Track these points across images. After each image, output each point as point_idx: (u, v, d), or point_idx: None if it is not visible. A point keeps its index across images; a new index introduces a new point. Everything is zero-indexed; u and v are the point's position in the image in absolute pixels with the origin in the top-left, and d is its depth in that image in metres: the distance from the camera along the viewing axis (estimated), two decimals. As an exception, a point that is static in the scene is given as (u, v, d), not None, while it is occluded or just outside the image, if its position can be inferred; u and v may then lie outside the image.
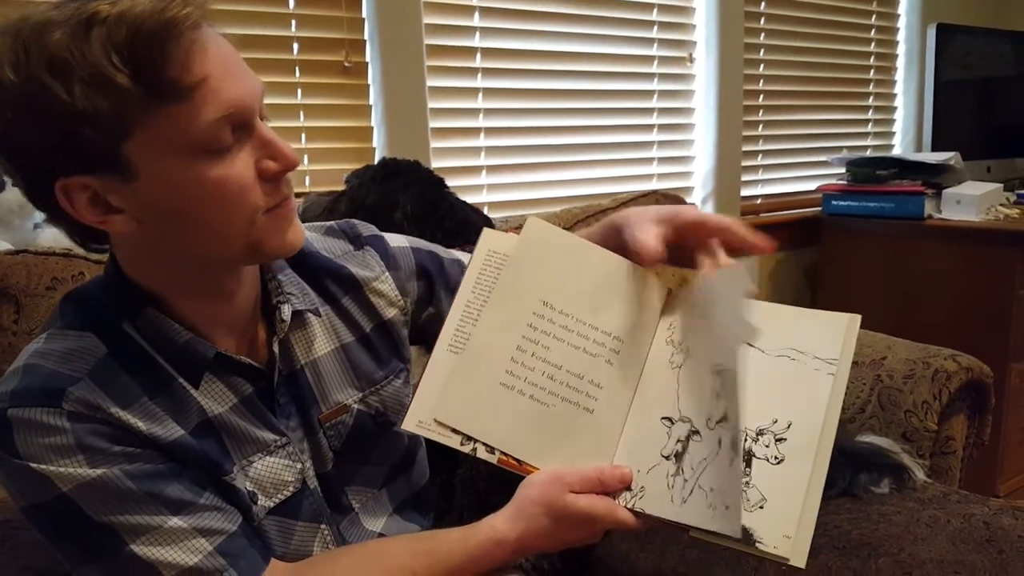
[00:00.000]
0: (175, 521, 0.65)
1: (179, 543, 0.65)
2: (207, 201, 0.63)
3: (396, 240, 0.94)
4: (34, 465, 0.62)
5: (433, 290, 0.93)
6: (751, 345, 0.72)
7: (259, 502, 0.74)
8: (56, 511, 0.63)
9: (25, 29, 0.59)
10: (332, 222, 0.91)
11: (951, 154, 2.18)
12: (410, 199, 1.27)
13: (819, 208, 2.42)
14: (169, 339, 0.70)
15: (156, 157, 0.61)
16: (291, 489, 0.77)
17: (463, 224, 1.32)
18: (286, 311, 0.78)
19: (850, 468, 1.22)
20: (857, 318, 0.72)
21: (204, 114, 0.61)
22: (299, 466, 0.78)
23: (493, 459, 0.72)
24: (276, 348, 0.77)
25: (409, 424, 0.72)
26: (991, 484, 2.10)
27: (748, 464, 0.68)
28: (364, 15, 1.67)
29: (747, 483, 0.67)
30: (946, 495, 1.21)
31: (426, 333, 0.94)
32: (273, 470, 0.75)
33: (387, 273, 0.89)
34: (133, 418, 0.66)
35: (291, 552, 0.76)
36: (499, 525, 0.72)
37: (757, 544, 0.65)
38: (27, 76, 0.58)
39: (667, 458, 0.70)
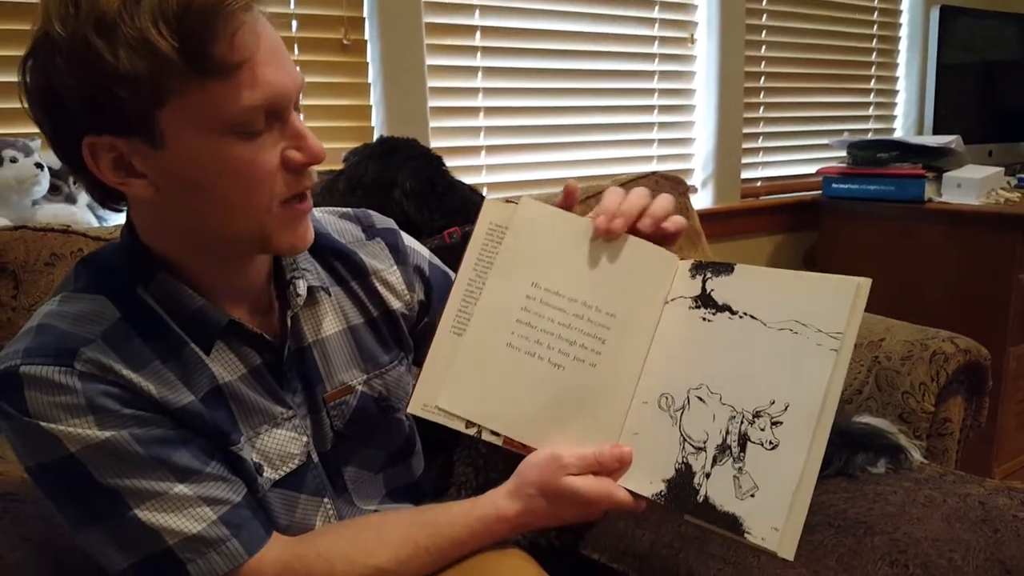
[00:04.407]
0: (181, 488, 0.66)
1: (183, 510, 0.66)
2: (228, 180, 0.64)
3: (416, 245, 0.93)
4: (43, 424, 0.62)
5: (431, 304, 0.92)
6: (753, 317, 0.71)
7: (264, 474, 0.74)
8: (62, 472, 0.63)
9: None
10: (350, 209, 0.91)
11: (952, 137, 2.17)
12: (408, 176, 1.26)
13: (819, 191, 2.41)
14: (182, 304, 0.70)
15: (187, 129, 0.61)
16: (297, 462, 0.77)
17: (463, 203, 1.31)
18: (301, 286, 0.78)
19: (847, 448, 1.23)
20: (867, 283, 0.67)
21: (242, 96, 0.61)
22: (305, 439, 0.78)
23: (498, 441, 0.72)
24: (289, 322, 0.77)
25: (415, 407, 0.72)
26: (987, 467, 2.11)
27: (743, 449, 0.66)
28: (363, -8, 1.65)
29: (740, 469, 0.66)
30: (942, 475, 1.21)
31: (418, 346, 0.92)
32: (280, 442, 0.76)
33: (395, 266, 0.88)
34: (145, 381, 0.66)
35: (294, 524, 0.77)
36: (499, 501, 0.72)
37: (746, 535, 0.64)
38: (73, 31, 0.58)
39: (681, 440, 0.69)
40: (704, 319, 0.72)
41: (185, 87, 0.60)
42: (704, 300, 0.73)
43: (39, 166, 1.23)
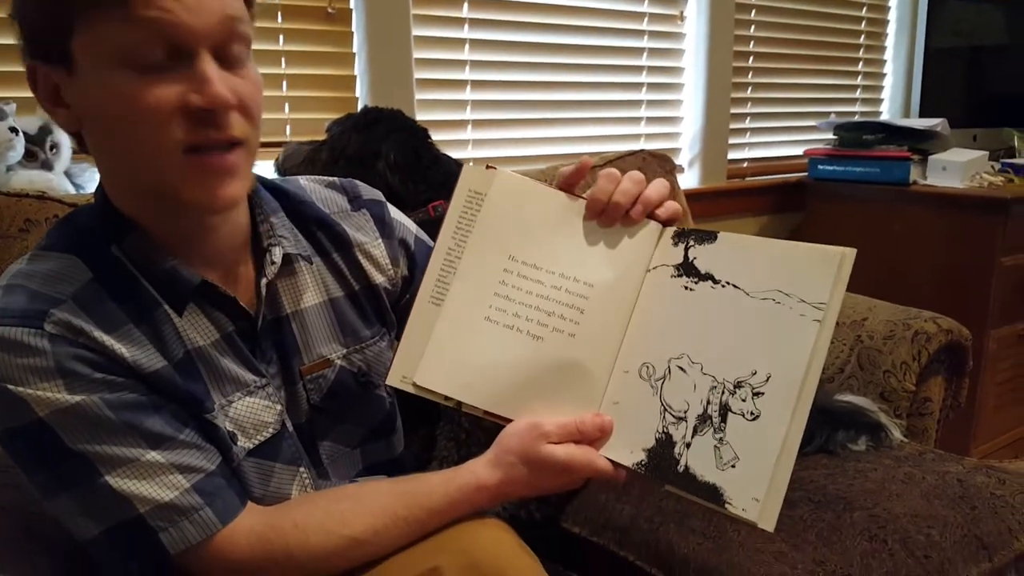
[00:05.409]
0: (153, 455, 0.64)
1: (155, 478, 0.64)
2: (118, 115, 0.62)
3: (402, 218, 0.91)
4: (11, 387, 0.60)
5: (414, 279, 0.90)
6: (735, 286, 0.70)
7: (239, 443, 0.72)
8: (31, 436, 0.62)
9: None
10: (336, 178, 0.89)
11: (938, 120, 2.17)
12: (392, 148, 1.24)
13: (805, 173, 2.41)
14: (155, 263, 0.68)
15: (90, 58, 0.61)
16: (271, 431, 0.76)
17: (449, 177, 1.28)
18: (276, 253, 0.76)
19: (828, 426, 1.23)
20: (851, 253, 0.66)
21: (137, 26, 0.59)
22: (279, 407, 0.77)
23: (479, 412, 0.72)
24: (264, 290, 0.75)
25: (393, 379, 0.72)
26: (965, 447, 2.13)
27: (724, 419, 0.66)
28: (348, -41, 1.62)
29: (721, 440, 0.65)
30: (922, 453, 1.22)
31: (400, 321, 0.90)
32: (253, 411, 0.74)
33: (380, 240, 0.86)
34: (117, 344, 0.64)
35: (269, 494, 0.75)
36: (480, 470, 0.71)
37: (726, 505, 0.63)
38: None
39: (662, 410, 0.69)
40: (686, 288, 0.72)
41: (87, 13, 0.59)
42: (686, 268, 0.72)
43: (13, 131, 1.20)
